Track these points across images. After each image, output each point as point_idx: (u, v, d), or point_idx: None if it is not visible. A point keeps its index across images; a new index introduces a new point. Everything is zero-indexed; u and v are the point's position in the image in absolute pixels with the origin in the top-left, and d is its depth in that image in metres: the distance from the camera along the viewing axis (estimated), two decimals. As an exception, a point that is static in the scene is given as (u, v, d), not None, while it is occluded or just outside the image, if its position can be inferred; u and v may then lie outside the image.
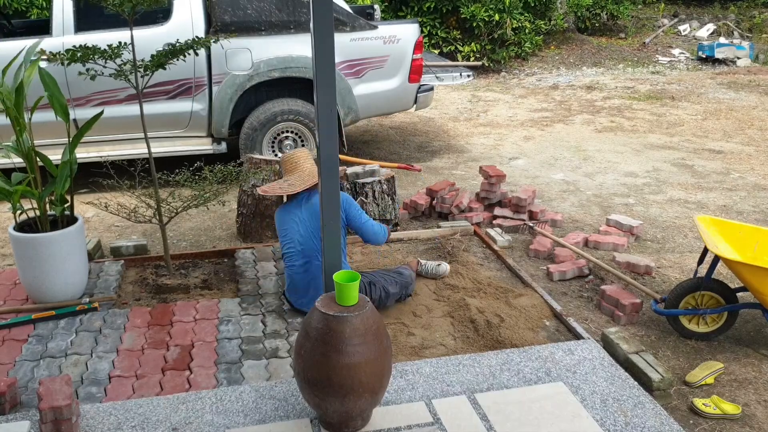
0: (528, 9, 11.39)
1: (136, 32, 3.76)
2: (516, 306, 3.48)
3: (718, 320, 3.28)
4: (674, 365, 3.10)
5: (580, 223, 4.85)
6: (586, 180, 5.81)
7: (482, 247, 4.35)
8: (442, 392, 2.66)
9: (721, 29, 13.49)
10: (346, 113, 5.67)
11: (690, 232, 4.68)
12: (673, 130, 7.49)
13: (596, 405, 2.58)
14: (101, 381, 2.84)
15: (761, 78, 10.49)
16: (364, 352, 2.25)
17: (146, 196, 3.82)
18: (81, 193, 5.06)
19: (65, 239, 3.42)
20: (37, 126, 3.91)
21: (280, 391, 2.68)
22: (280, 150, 5.63)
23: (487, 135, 7.37)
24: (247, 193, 4.43)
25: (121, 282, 3.77)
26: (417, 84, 5.88)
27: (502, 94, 9.74)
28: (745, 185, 5.66)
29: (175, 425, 2.47)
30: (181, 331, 3.21)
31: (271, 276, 3.80)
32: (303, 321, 2.39)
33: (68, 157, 3.51)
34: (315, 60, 2.39)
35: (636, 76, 10.84)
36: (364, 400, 2.31)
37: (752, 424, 2.70)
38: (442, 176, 5.93)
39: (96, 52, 3.47)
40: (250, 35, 5.35)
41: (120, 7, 3.49)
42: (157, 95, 5.29)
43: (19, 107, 3.36)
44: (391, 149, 6.87)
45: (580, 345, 3.02)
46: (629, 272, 4.00)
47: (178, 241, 4.58)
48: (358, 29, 5.57)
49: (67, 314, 3.35)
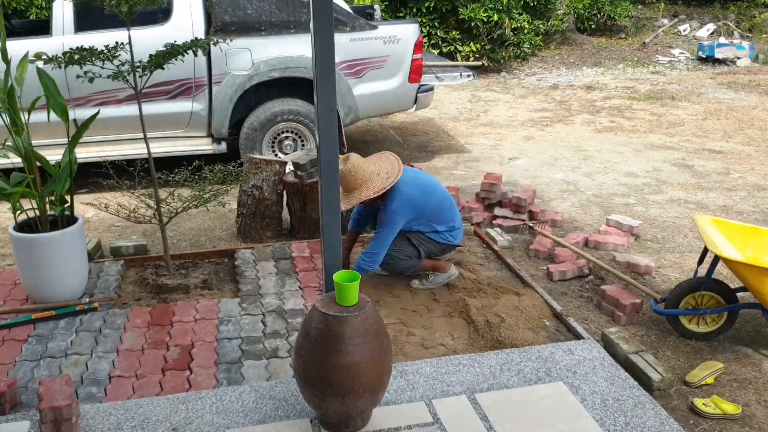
0: (527, 9, 11.39)
1: (136, 32, 3.76)
2: (516, 306, 3.48)
3: (718, 320, 3.28)
4: (674, 365, 3.10)
5: (580, 223, 4.85)
6: (586, 180, 5.81)
7: (482, 247, 4.34)
8: (442, 392, 2.66)
9: (721, 29, 13.49)
10: (346, 113, 5.67)
11: (690, 232, 4.68)
12: (673, 130, 7.49)
13: (596, 405, 2.58)
14: (101, 381, 2.83)
15: (761, 78, 10.49)
16: (364, 352, 2.25)
17: (146, 196, 3.82)
18: (81, 193, 5.07)
19: (65, 239, 3.41)
20: (37, 126, 3.91)
21: (280, 391, 2.68)
22: (280, 150, 5.63)
23: (487, 135, 7.38)
24: (247, 193, 4.43)
25: (121, 282, 3.77)
26: (417, 84, 5.88)
27: (502, 94, 9.75)
28: (745, 185, 5.66)
29: (175, 425, 2.47)
30: (181, 331, 3.21)
31: (271, 276, 3.80)
32: (303, 321, 2.39)
33: (68, 157, 3.51)
34: (315, 60, 2.39)
35: (636, 76, 10.84)
36: (364, 400, 2.31)
37: (752, 424, 2.70)
38: (442, 176, 5.93)
39: (93, 54, 3.47)
40: (250, 35, 5.35)
41: (117, 8, 3.48)
42: (156, 95, 5.29)
43: (13, 108, 3.35)
44: (391, 149, 6.86)
45: (580, 345, 3.02)
46: (629, 272, 4.00)
47: (178, 241, 4.58)
48: (358, 29, 5.57)
49: (67, 314, 3.35)
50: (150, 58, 3.61)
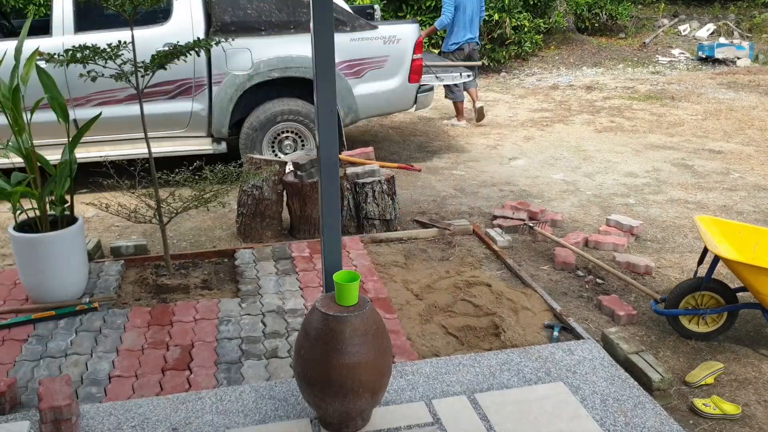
0: (528, 8, 11.39)
1: (137, 32, 3.76)
2: (516, 306, 3.48)
3: (718, 320, 3.28)
4: (674, 365, 3.10)
5: (580, 223, 4.85)
6: (586, 180, 5.81)
7: (482, 247, 4.35)
8: (442, 392, 2.66)
9: (721, 29, 13.49)
10: (346, 113, 5.67)
11: (690, 232, 4.68)
12: (673, 130, 7.49)
13: (596, 405, 2.58)
14: (101, 381, 2.84)
15: (761, 78, 10.49)
16: (364, 352, 2.25)
17: (146, 196, 3.82)
18: (81, 193, 5.07)
19: (65, 239, 3.41)
20: (37, 126, 3.91)
21: (280, 391, 2.68)
22: (280, 150, 5.63)
23: (487, 135, 7.37)
24: (247, 193, 4.43)
25: (121, 282, 3.77)
26: (417, 84, 5.88)
27: (502, 94, 9.75)
28: (745, 185, 5.66)
29: (175, 425, 2.47)
30: (181, 331, 3.21)
31: (271, 276, 3.81)
32: (303, 321, 2.39)
33: (68, 157, 3.51)
34: (315, 60, 2.39)
35: (636, 76, 10.84)
36: (364, 400, 2.31)
37: (752, 424, 2.70)
38: (442, 176, 5.93)
39: (95, 53, 3.47)
40: (250, 35, 5.35)
41: (121, 7, 3.48)
42: (157, 95, 5.29)
43: (17, 107, 3.35)
44: (391, 149, 6.87)
45: (580, 345, 3.02)
46: (629, 272, 4.00)
47: (178, 241, 4.58)
48: (358, 29, 5.57)
49: (67, 314, 3.35)
50: (152, 58, 3.61)
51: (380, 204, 4.50)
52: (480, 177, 5.92)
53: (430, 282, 3.77)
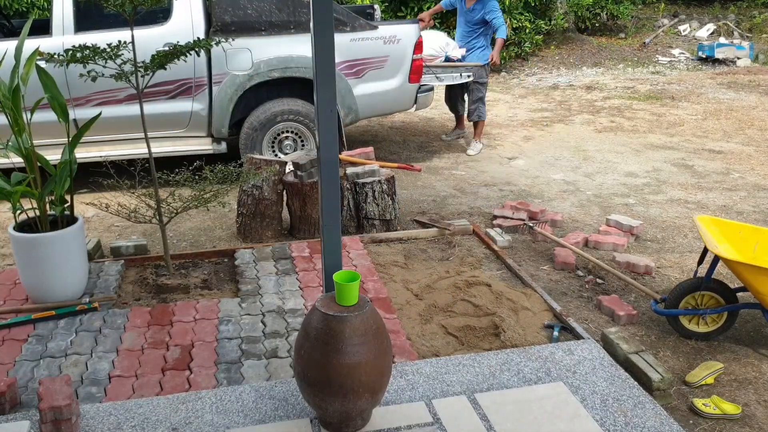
0: (528, 9, 11.38)
1: (137, 32, 3.76)
2: (516, 306, 3.48)
3: (718, 320, 3.28)
4: (674, 365, 3.10)
5: (580, 223, 4.85)
6: (586, 180, 5.81)
7: (482, 247, 4.35)
8: (442, 392, 2.66)
9: (721, 29, 13.49)
10: (346, 113, 5.67)
11: (690, 232, 4.68)
12: (673, 130, 7.49)
13: (596, 405, 2.58)
14: (101, 381, 2.84)
15: (761, 78, 10.49)
16: (364, 352, 2.25)
17: (146, 196, 3.82)
18: (81, 193, 5.07)
19: (65, 239, 3.41)
20: (37, 126, 3.91)
21: (280, 391, 2.68)
22: (280, 150, 5.63)
23: (486, 135, 7.37)
24: (247, 193, 4.43)
25: (121, 282, 3.78)
26: (417, 84, 5.88)
27: (502, 94, 9.75)
28: (745, 185, 5.66)
29: (175, 425, 2.47)
30: (181, 331, 3.21)
31: (271, 276, 3.80)
32: (303, 321, 2.39)
33: (68, 157, 3.51)
34: (315, 60, 2.39)
35: (636, 76, 10.85)
36: (364, 400, 2.31)
37: (752, 424, 2.70)
38: (442, 176, 5.93)
39: (95, 53, 3.47)
40: (251, 35, 5.35)
41: (121, 7, 3.48)
42: (157, 95, 5.29)
43: (17, 107, 3.35)
44: (391, 149, 6.87)
45: (580, 345, 3.02)
46: (629, 272, 4.00)
47: (178, 241, 4.58)
48: (358, 29, 5.57)
49: (67, 314, 3.35)
50: (152, 58, 3.61)
51: (380, 204, 4.50)
52: (480, 177, 5.92)
53: (430, 282, 3.78)
